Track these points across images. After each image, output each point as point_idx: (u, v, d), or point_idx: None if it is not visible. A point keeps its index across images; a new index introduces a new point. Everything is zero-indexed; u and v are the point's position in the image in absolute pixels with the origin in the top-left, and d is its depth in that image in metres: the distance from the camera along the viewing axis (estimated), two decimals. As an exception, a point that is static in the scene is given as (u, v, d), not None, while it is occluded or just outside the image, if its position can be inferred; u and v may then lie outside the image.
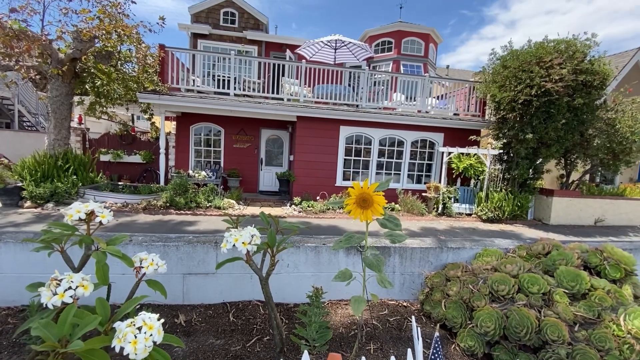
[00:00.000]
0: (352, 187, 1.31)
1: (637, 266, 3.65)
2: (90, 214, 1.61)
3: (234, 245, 1.44)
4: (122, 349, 1.28)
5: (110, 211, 1.86)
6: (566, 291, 2.80)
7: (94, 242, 1.54)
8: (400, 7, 13.87)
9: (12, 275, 3.55)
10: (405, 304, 2.67)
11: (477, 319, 2.63)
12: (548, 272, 3.02)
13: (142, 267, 1.43)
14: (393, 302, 2.66)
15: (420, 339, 1.50)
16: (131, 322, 1.30)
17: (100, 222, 1.63)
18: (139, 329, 1.29)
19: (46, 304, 1.41)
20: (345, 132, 8.83)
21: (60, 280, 1.46)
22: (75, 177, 7.35)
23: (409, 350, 1.45)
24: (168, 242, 2.29)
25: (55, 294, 1.43)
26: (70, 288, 1.44)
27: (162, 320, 1.36)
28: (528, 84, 6.84)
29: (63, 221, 1.66)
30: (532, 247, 3.13)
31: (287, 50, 11.88)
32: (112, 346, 1.30)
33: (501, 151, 8.13)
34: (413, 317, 1.88)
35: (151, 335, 1.28)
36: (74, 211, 1.61)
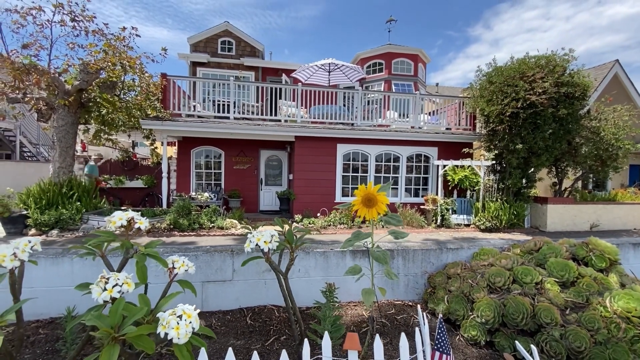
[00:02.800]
0: (357, 189, 1.48)
1: (620, 257, 3.87)
2: (130, 221, 1.79)
3: (256, 244, 1.60)
4: (166, 335, 1.42)
5: (147, 219, 2.05)
6: (557, 280, 3.03)
7: (133, 246, 1.71)
8: (389, 31, 14.62)
9: (41, 289, 3.81)
10: (410, 303, 2.80)
11: (478, 309, 2.83)
12: (540, 264, 3.25)
13: (175, 269, 1.58)
14: (399, 302, 2.79)
15: (427, 323, 1.63)
16: (173, 312, 1.45)
17: (139, 228, 1.81)
18: (180, 317, 1.43)
19: (96, 299, 1.56)
20: (342, 149, 9.11)
21: (108, 279, 1.61)
22: (79, 203, 7.47)
23: (417, 329, 1.58)
24: (187, 252, 2.41)
25: (104, 289, 1.58)
26: (117, 285, 1.59)
27: (199, 311, 1.51)
28: (514, 97, 7.21)
29: (104, 229, 1.82)
30: (525, 244, 3.34)
31: (283, 74, 12.38)
32: (157, 332, 1.44)
33: (494, 162, 8.41)
34: (419, 305, 2.00)
35: (190, 322, 1.43)
36: (117, 219, 1.79)
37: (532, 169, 8.09)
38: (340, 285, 2.60)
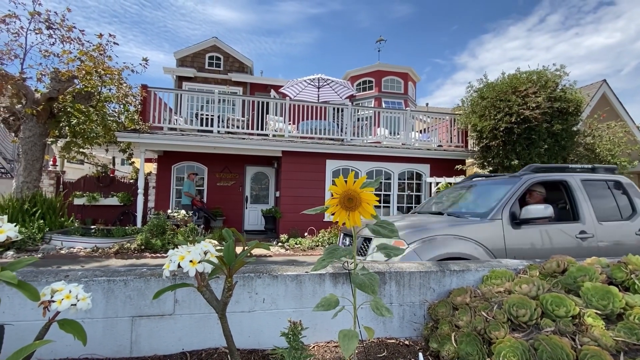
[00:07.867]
0: (334, 185, 1.05)
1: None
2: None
3: (179, 265, 1.07)
4: None
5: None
6: (598, 312, 2.27)
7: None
8: (379, 51, 14.71)
9: None
10: (407, 342, 2.18)
11: (499, 354, 2.05)
12: (570, 290, 2.52)
13: (53, 302, 1.01)
14: (392, 341, 2.18)
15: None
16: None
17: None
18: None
19: None
20: (331, 165, 8.71)
21: None
22: (42, 221, 6.83)
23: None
24: (114, 277, 1.79)
25: None
26: None
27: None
28: (507, 112, 6.99)
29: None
30: (544, 265, 2.70)
31: (272, 90, 12.14)
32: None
33: (488, 179, 8.08)
34: (420, 354, 1.50)
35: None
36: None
37: (528, 187, 7.76)
38: (317, 321, 1.98)
